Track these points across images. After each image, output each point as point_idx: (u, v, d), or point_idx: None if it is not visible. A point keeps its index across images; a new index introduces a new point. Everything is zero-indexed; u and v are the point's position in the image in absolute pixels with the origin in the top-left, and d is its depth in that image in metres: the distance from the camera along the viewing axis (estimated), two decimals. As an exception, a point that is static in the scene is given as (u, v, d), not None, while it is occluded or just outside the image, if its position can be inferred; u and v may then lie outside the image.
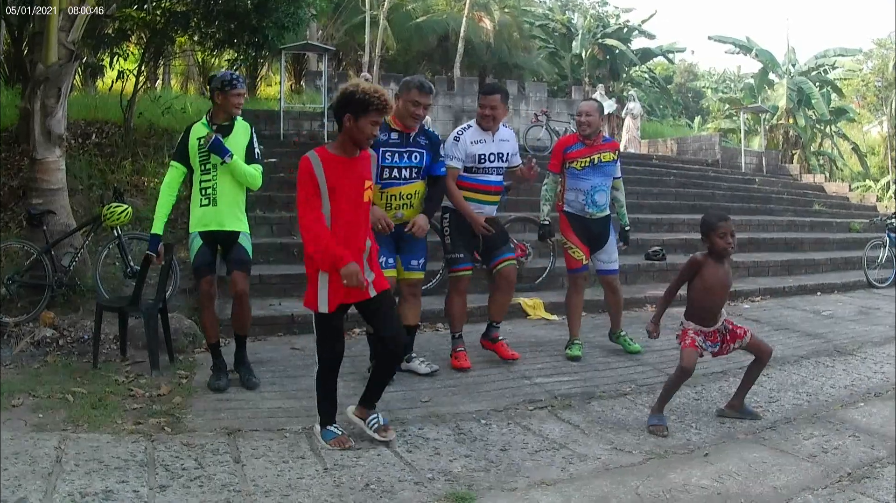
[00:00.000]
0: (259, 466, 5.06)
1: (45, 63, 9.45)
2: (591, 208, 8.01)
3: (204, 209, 6.84)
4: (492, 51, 37.25)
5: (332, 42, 32.17)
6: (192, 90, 31.39)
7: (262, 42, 14.81)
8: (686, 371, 5.90)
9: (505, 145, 7.64)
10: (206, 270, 6.85)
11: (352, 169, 5.37)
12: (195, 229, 6.88)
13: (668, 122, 47.18)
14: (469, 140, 7.45)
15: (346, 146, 5.37)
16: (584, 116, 8.05)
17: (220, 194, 6.79)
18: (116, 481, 4.71)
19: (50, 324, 8.37)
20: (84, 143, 14.10)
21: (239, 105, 6.94)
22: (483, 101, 7.54)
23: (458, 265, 7.56)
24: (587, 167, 8.02)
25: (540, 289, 11.32)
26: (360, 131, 5.27)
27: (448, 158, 7.38)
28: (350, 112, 5.24)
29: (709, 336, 6.00)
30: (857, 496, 4.79)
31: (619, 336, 8.48)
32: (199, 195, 6.87)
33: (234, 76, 6.98)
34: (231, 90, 6.86)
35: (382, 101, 5.25)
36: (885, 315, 11.16)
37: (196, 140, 6.87)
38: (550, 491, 4.82)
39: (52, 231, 9.37)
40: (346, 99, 5.28)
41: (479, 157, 7.45)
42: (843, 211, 22.72)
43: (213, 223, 6.81)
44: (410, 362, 7.39)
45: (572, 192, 8.13)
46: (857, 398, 6.97)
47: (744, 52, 37.49)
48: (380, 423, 5.60)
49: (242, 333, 7.10)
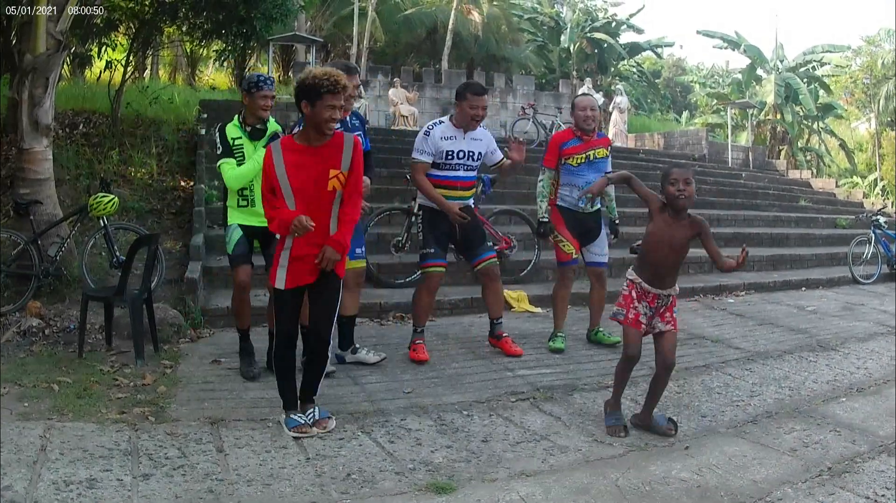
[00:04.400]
0: (242, 456, 5.08)
1: (33, 53, 9.44)
2: (584, 203, 8.03)
3: (242, 209, 6.86)
4: (480, 43, 37.27)
5: (321, 33, 32.17)
6: (179, 80, 31.33)
7: (250, 33, 14.78)
8: (630, 357, 5.72)
9: (476, 144, 7.59)
10: (243, 260, 6.86)
11: (315, 157, 5.40)
12: (235, 221, 6.88)
13: (656, 117, 47.29)
14: (439, 136, 7.44)
15: (309, 134, 5.43)
16: (591, 111, 8.06)
17: (258, 195, 6.74)
18: (100, 470, 4.73)
19: (36, 314, 8.38)
20: (71, 133, 14.09)
21: (266, 107, 6.86)
22: (475, 101, 7.41)
23: (430, 260, 7.59)
24: (583, 163, 8.04)
25: (524, 281, 11.36)
26: (318, 116, 5.31)
27: (416, 152, 7.43)
28: (305, 99, 5.32)
29: (649, 299, 5.69)
30: (837, 490, 4.82)
31: (596, 333, 8.50)
32: (236, 196, 6.87)
33: (261, 78, 6.90)
34: (257, 92, 6.79)
35: (332, 81, 5.30)
36: (869, 311, 11.23)
37: (231, 140, 6.84)
38: (531, 482, 4.85)
39: (38, 221, 9.36)
40: (299, 87, 5.36)
41: (447, 153, 7.44)
42: (829, 207, 22.79)
43: (254, 219, 6.78)
44: (356, 353, 7.44)
45: (566, 187, 8.15)
46: (840, 393, 7.01)
47: (732, 47, 37.55)
48: (315, 418, 5.63)
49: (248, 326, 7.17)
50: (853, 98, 43.36)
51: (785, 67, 36.99)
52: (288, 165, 5.34)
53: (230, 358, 7.33)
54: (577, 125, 8.12)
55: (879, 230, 15.04)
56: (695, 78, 55.78)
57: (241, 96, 7.05)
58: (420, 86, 27.21)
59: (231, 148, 6.82)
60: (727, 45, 37.69)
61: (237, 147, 6.81)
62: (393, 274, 10.64)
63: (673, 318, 5.74)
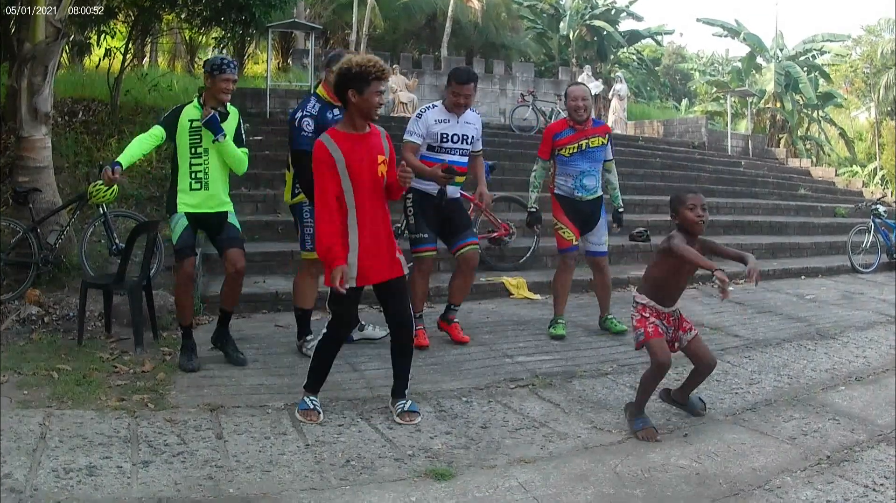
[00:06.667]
0: (241, 442, 5.10)
1: (32, 41, 9.41)
2: (580, 192, 8.04)
3: (195, 193, 6.75)
4: (479, 30, 37.28)
5: (320, 20, 32.13)
6: (178, 68, 31.24)
7: (249, 20, 14.77)
8: (663, 366, 5.47)
9: (469, 128, 7.60)
10: (189, 251, 6.78)
11: (366, 144, 5.41)
12: (182, 209, 6.76)
13: (655, 104, 47.24)
14: (432, 118, 7.45)
15: (356, 122, 5.40)
16: (581, 101, 8.06)
17: (212, 179, 6.71)
18: (100, 457, 4.74)
19: (35, 302, 8.37)
20: (70, 120, 14.07)
21: (227, 90, 6.76)
22: (457, 89, 7.40)
23: (422, 245, 7.57)
24: (575, 153, 8.05)
25: (523, 268, 11.36)
26: (368, 103, 5.30)
27: (408, 133, 7.46)
28: (353, 87, 5.26)
29: (663, 318, 5.65)
30: (836, 479, 4.83)
31: (605, 320, 8.51)
32: (188, 179, 6.75)
33: (224, 60, 6.79)
34: (220, 75, 6.69)
35: (379, 67, 5.29)
36: (868, 300, 11.22)
37: (188, 121, 6.73)
38: (529, 468, 4.87)
39: (37, 209, 9.34)
40: (345, 76, 5.28)
41: (441, 136, 7.45)
42: (828, 195, 22.75)
43: (204, 206, 6.73)
44: (363, 330, 7.57)
45: (562, 176, 8.18)
46: (838, 382, 7.01)
47: (732, 35, 37.56)
48: (403, 409, 5.66)
49: (231, 309, 7.11)
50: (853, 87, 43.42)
51: (785, 56, 36.98)
52: (346, 153, 5.32)
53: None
54: (570, 115, 8.15)
55: (879, 219, 14.99)
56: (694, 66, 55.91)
57: (204, 78, 6.94)
58: (419, 73, 27.20)
59: (175, 126, 6.74)
60: (727, 34, 37.71)
61: (195, 129, 6.72)
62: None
63: (688, 321, 5.79)
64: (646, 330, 5.55)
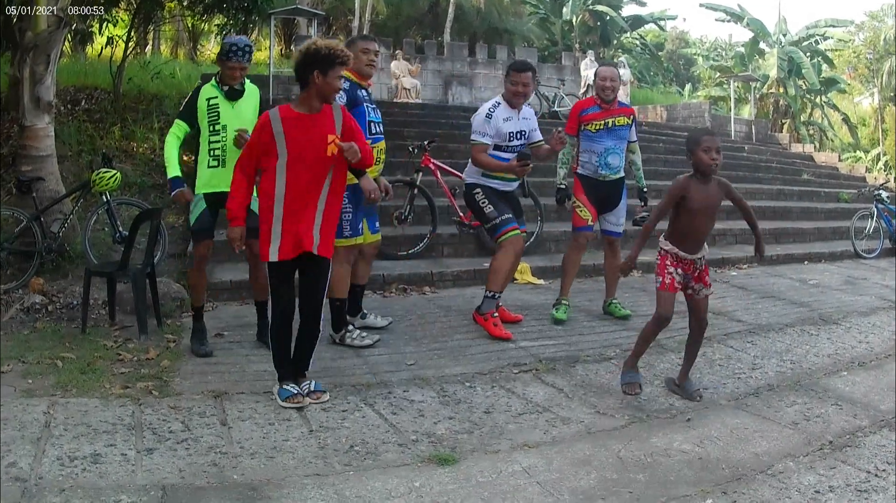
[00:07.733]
0: (245, 428, 5.11)
1: (34, 30, 9.40)
2: (604, 170, 8.07)
3: (213, 170, 6.73)
4: (482, 16, 37.18)
5: (322, 7, 32.11)
6: (181, 55, 31.26)
7: (250, 6, 14.77)
8: (663, 318, 5.75)
9: (526, 123, 7.66)
10: (205, 234, 6.80)
11: (314, 124, 5.48)
12: (201, 190, 6.77)
13: (659, 89, 47.07)
14: (501, 117, 7.46)
15: (312, 102, 5.51)
16: (609, 81, 8.10)
17: (230, 156, 6.68)
18: (104, 445, 4.76)
19: (39, 291, 8.38)
20: (73, 109, 14.07)
21: (234, 77, 6.77)
22: (516, 77, 7.48)
23: (509, 224, 7.49)
24: (601, 129, 8.07)
25: (527, 253, 11.28)
26: (329, 85, 5.45)
27: (478, 135, 7.43)
28: (318, 68, 5.37)
29: (685, 266, 5.81)
30: (839, 464, 4.84)
31: (609, 304, 8.52)
32: (206, 156, 6.76)
33: (233, 48, 6.75)
34: (227, 62, 6.73)
35: (345, 54, 5.47)
36: (871, 285, 11.21)
37: (205, 100, 6.76)
38: (533, 453, 4.89)
39: (41, 198, 9.34)
40: (311, 56, 5.40)
41: (509, 134, 7.49)
42: (832, 181, 22.71)
43: (223, 184, 6.67)
44: (365, 318, 7.55)
45: (586, 153, 8.20)
46: (841, 367, 7.01)
47: (735, 20, 37.41)
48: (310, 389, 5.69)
49: (264, 299, 7.00)
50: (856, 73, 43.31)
51: (788, 41, 36.86)
52: (287, 130, 5.43)
53: (233, 331, 7.37)
54: (597, 94, 8.18)
55: (882, 205, 15.00)
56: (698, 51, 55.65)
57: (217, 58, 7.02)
58: (422, 58, 27.10)
59: (195, 109, 6.79)
60: (730, 19, 37.55)
61: (212, 107, 6.75)
62: (396, 246, 10.63)
63: (709, 282, 5.96)
64: (663, 279, 5.76)
